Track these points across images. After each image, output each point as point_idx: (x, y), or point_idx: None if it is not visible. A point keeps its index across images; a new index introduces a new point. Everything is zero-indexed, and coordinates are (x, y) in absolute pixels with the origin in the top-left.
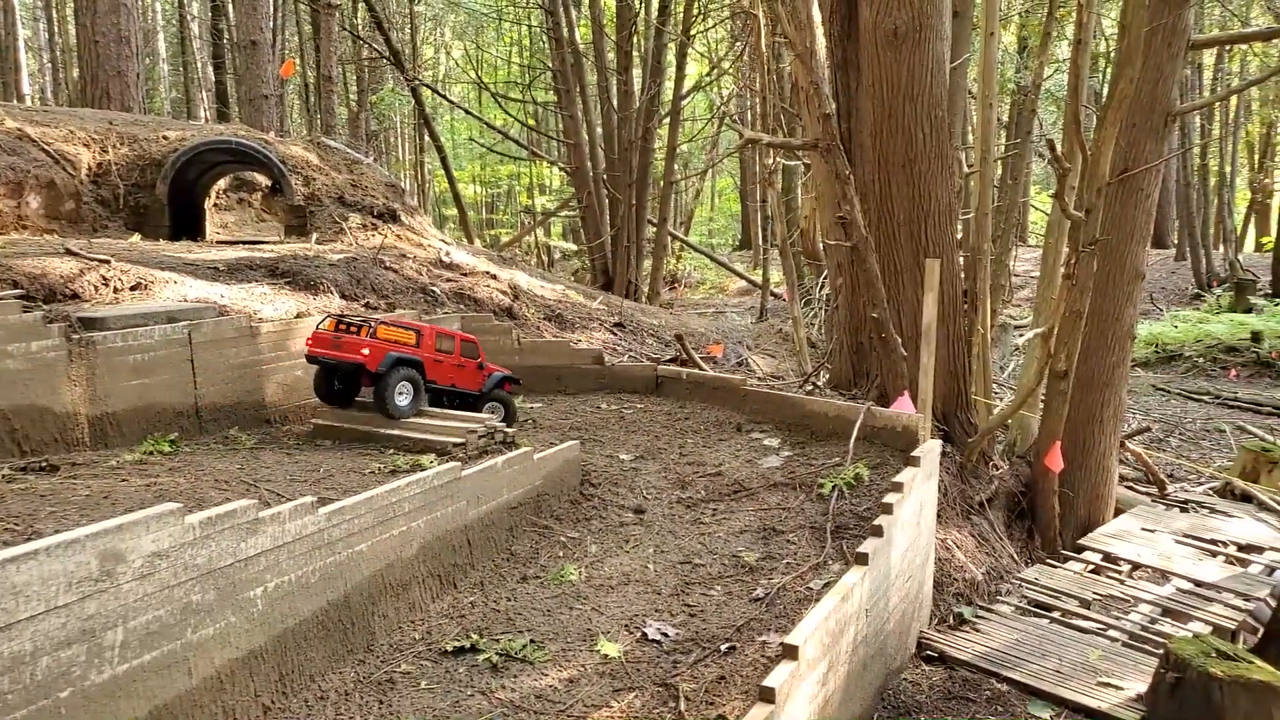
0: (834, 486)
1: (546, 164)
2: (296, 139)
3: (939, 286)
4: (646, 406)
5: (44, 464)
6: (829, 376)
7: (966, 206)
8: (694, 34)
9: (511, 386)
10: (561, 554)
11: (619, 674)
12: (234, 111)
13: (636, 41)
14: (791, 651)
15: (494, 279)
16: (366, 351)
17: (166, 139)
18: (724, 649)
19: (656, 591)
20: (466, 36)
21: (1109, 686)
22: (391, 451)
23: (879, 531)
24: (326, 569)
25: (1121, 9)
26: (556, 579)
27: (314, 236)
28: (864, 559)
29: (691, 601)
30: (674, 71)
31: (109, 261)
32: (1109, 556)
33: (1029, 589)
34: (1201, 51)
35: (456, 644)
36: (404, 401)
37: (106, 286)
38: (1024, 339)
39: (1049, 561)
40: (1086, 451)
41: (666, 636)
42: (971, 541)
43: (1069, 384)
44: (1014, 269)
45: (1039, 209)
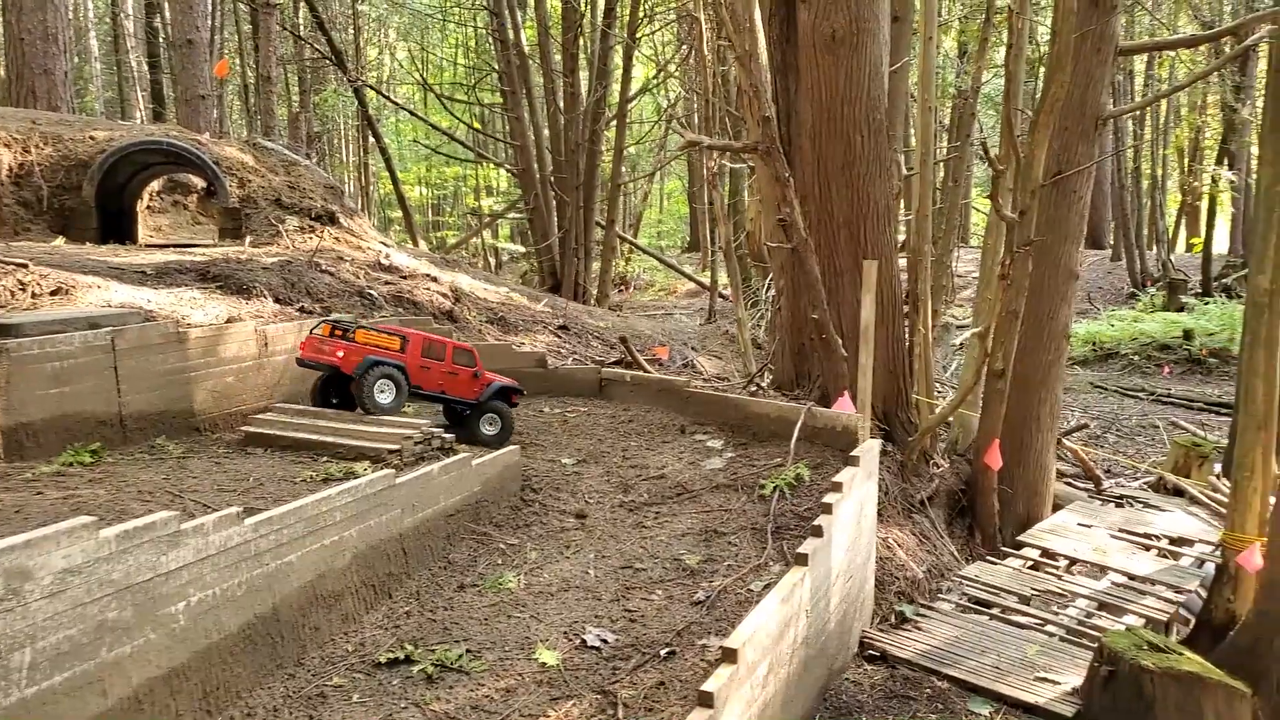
0: (775, 487)
1: (493, 166)
2: (232, 140)
3: (877, 288)
4: (590, 409)
5: None
6: (772, 378)
7: (908, 209)
8: (640, 37)
9: (516, 398)
10: (500, 561)
11: (557, 682)
12: (170, 112)
13: (583, 44)
14: (730, 655)
15: (434, 281)
16: (340, 354)
17: (94, 139)
18: (664, 654)
19: (597, 597)
20: (411, 38)
21: (1046, 681)
22: (325, 459)
23: (819, 531)
24: (254, 581)
25: (1053, 15)
26: (494, 587)
27: (248, 239)
28: (804, 559)
29: (632, 606)
30: (620, 74)
31: (27, 265)
32: (1047, 552)
33: (969, 586)
34: (1132, 58)
35: (390, 655)
36: (385, 399)
37: (24, 291)
38: (961, 339)
39: (989, 558)
40: (1024, 449)
41: (606, 643)
42: (913, 540)
43: (1006, 383)
44: (956, 270)
45: (980, 211)
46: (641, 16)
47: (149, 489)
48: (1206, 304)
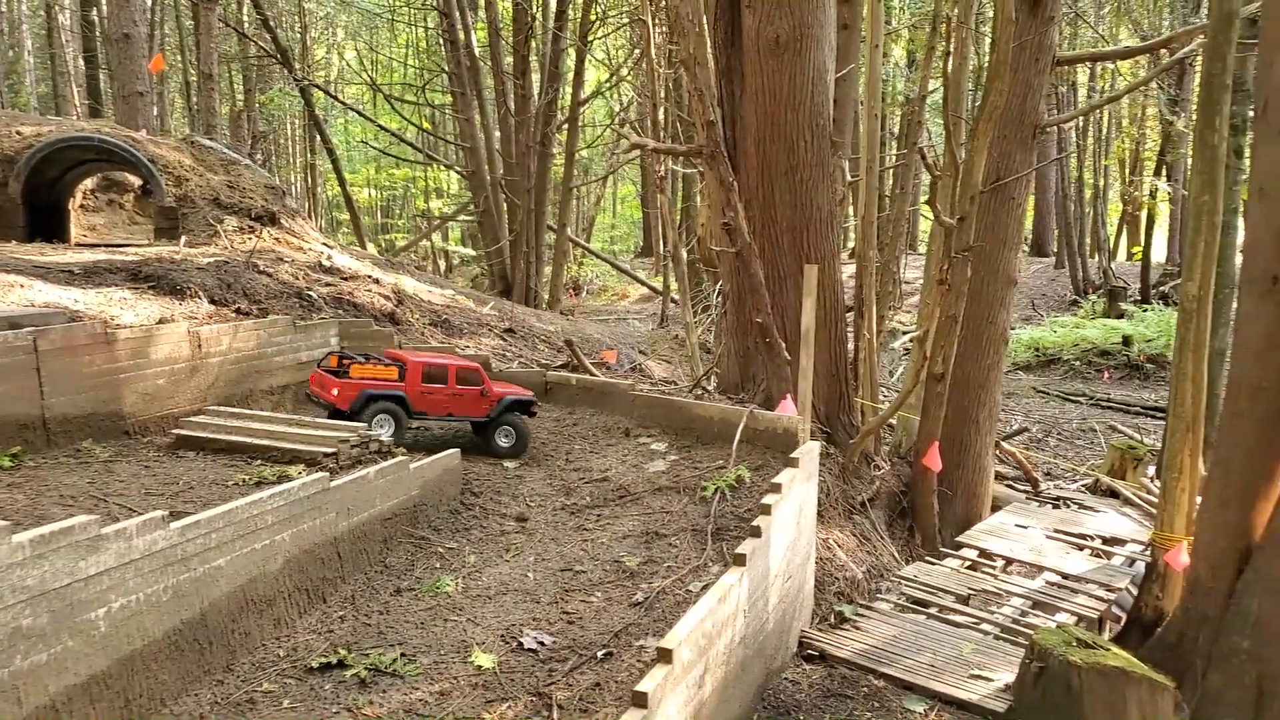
0: (716, 489)
1: (443, 168)
2: (169, 138)
3: (819, 292)
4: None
5: None
6: (718, 381)
7: (855, 215)
8: (592, 40)
9: (534, 409)
10: (438, 565)
11: (493, 685)
12: (108, 109)
13: (534, 46)
14: (666, 655)
15: (376, 284)
16: (335, 391)
17: (21, 134)
18: (601, 655)
19: (535, 600)
20: (360, 37)
21: (980, 678)
22: (259, 462)
23: (757, 532)
24: (180, 586)
25: (992, 25)
26: (432, 591)
27: (183, 239)
28: (742, 560)
29: (570, 609)
30: (572, 77)
31: None
32: (984, 552)
33: (908, 586)
34: (1076, 71)
35: (323, 660)
36: (384, 433)
37: None
38: (899, 343)
39: (928, 559)
40: (964, 451)
41: (543, 645)
42: (853, 540)
43: (946, 386)
44: (904, 276)
45: (928, 218)
46: (593, 19)
47: (72, 493)
48: (1145, 311)
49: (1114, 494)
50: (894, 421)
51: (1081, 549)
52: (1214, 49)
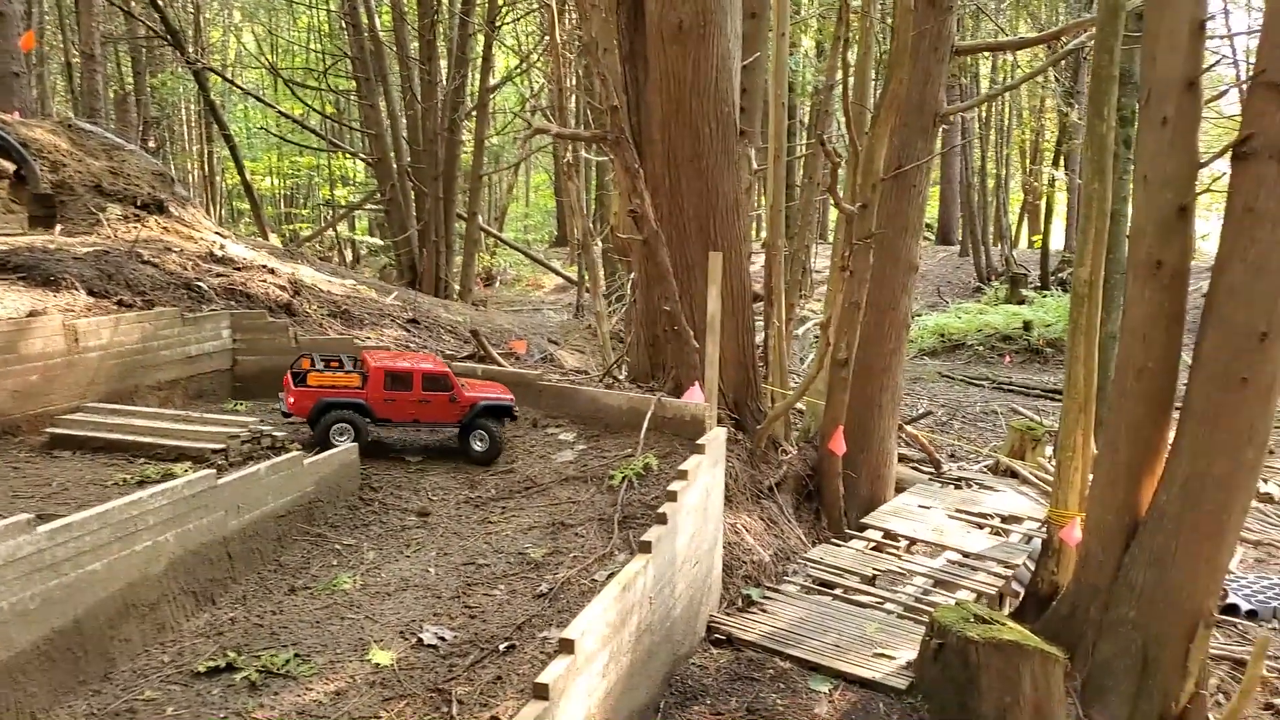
0: (623, 477)
1: (348, 155)
2: (44, 120)
3: (725, 280)
4: None
5: None
6: (629, 370)
7: (760, 203)
8: (500, 25)
9: (502, 414)
10: (335, 562)
11: (390, 682)
12: None
13: (441, 31)
14: (568, 645)
15: (272, 274)
16: (292, 400)
17: None
18: (503, 649)
19: (437, 595)
20: (258, 19)
21: (883, 657)
22: (142, 461)
23: (663, 519)
24: (49, 593)
25: (892, 14)
26: (328, 589)
27: (58, 229)
28: (647, 547)
29: (473, 603)
30: (480, 63)
31: None
32: (889, 533)
33: (814, 568)
34: (978, 63)
35: (211, 664)
36: (342, 442)
37: None
38: (803, 329)
39: (834, 541)
40: (868, 434)
41: (444, 640)
42: (760, 525)
43: (849, 371)
44: (815, 266)
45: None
46: (501, 4)
47: None
48: (1044, 297)
49: (1013, 474)
50: (802, 407)
51: (981, 528)
52: (1102, 41)
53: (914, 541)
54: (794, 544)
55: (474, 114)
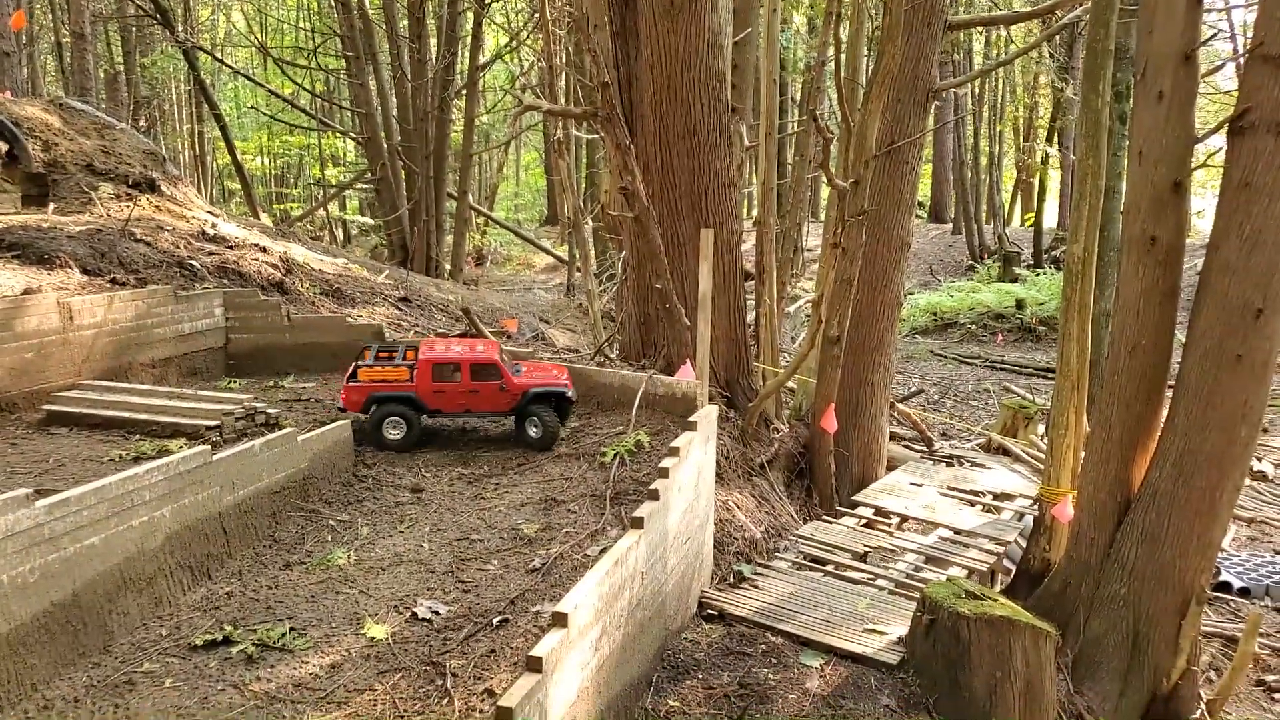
0: (615, 454)
1: (338, 135)
2: (35, 100)
3: (716, 257)
4: None
5: None
6: (620, 348)
7: (752, 181)
8: (489, 2)
9: (556, 399)
10: (330, 538)
11: (385, 656)
12: None
13: (430, 8)
14: (561, 619)
15: (264, 252)
16: (343, 395)
17: None
18: (496, 622)
19: (430, 570)
20: None
21: (874, 632)
22: (137, 437)
23: (655, 495)
24: (48, 567)
25: None
26: (323, 564)
27: (51, 207)
28: (639, 523)
29: (466, 577)
30: (470, 40)
31: None
32: (880, 510)
33: (805, 544)
34: (971, 39)
35: (208, 637)
36: (395, 436)
37: None
38: (794, 307)
39: (825, 518)
40: (860, 412)
41: (438, 614)
42: (752, 502)
43: (841, 349)
44: (807, 244)
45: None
46: None
47: None
48: (1037, 275)
49: (1006, 452)
50: (794, 384)
51: (973, 505)
52: (1097, 15)
53: (905, 519)
54: (785, 521)
55: (464, 92)
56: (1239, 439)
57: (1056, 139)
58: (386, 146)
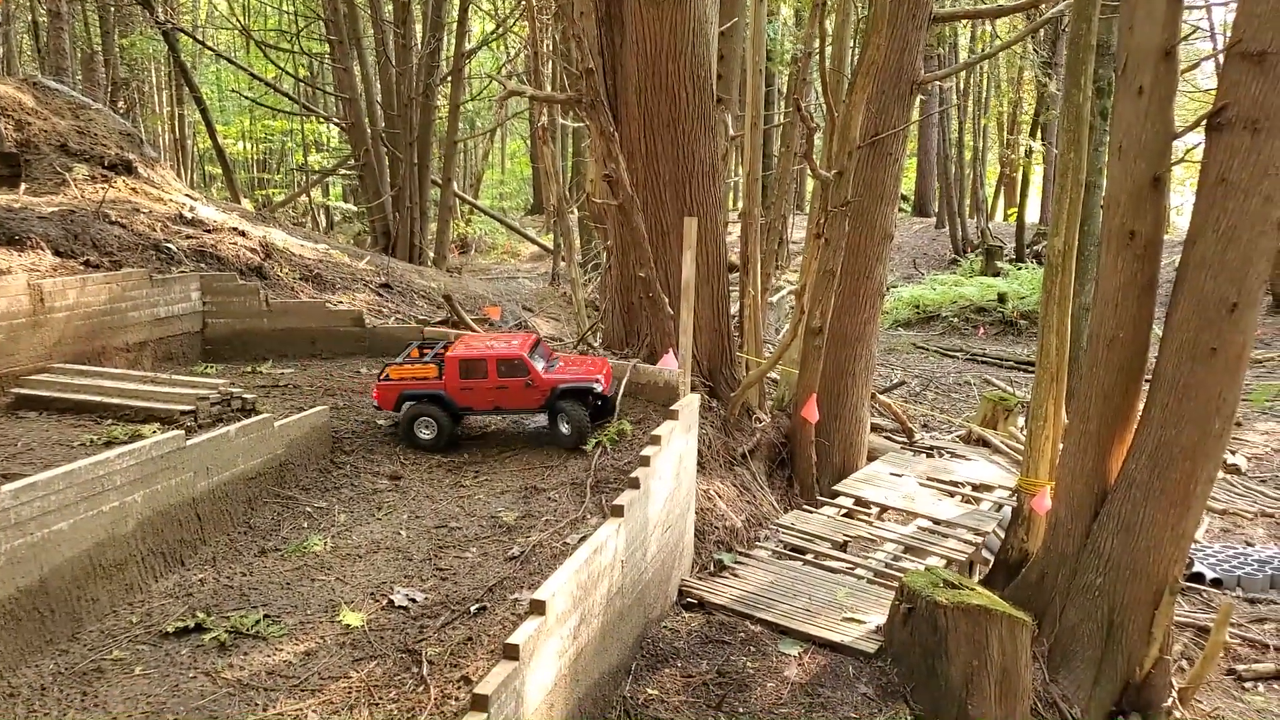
0: (597, 443)
1: (321, 120)
2: (7, 78)
3: (700, 246)
4: None
5: None
6: (604, 336)
7: (737, 171)
8: None
9: (586, 396)
10: (306, 525)
11: (361, 643)
12: None
13: None
14: (539, 607)
15: (243, 236)
16: (376, 394)
17: None
18: (474, 610)
19: (408, 557)
20: None
21: (853, 621)
22: (109, 422)
23: (636, 484)
24: (14, 552)
25: None
26: (299, 550)
27: (23, 187)
28: (619, 511)
29: (444, 565)
30: (455, 26)
31: None
32: (860, 500)
33: (786, 533)
34: (956, 32)
35: (180, 624)
36: (426, 436)
37: None
38: (777, 297)
39: (806, 507)
40: (841, 403)
41: (414, 602)
42: (733, 491)
43: (823, 340)
44: (792, 236)
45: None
46: None
47: None
48: (1019, 269)
49: (985, 443)
50: (776, 375)
51: (952, 495)
52: (1080, 10)
53: (885, 508)
54: (766, 510)
55: (449, 79)
56: (1213, 431)
57: (1040, 134)
58: (370, 132)
